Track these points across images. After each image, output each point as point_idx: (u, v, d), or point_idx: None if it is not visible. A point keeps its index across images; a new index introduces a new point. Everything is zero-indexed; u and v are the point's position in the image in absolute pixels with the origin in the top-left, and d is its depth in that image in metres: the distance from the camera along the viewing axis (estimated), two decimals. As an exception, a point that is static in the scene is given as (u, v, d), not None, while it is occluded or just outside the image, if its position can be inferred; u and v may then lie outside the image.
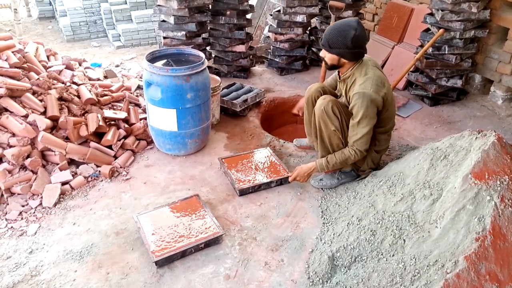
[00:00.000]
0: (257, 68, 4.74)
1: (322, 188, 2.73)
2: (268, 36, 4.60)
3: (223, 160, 2.95)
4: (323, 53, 2.52)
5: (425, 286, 1.75)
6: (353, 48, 2.37)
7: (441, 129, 3.50)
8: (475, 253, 1.71)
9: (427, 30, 3.82)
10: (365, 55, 2.51)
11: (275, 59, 4.52)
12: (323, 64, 3.79)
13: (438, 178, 2.13)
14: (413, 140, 3.34)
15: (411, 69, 3.82)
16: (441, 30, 3.56)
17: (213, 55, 4.46)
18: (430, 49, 3.67)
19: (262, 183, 2.74)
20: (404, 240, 2.01)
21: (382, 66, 4.44)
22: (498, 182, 1.86)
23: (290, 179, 2.71)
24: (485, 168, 1.92)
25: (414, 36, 4.15)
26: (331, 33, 2.41)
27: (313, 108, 2.76)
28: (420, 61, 3.76)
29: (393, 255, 1.99)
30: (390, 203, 2.23)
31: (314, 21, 4.74)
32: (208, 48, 4.39)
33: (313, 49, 4.68)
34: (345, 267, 2.08)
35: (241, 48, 4.29)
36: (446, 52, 3.66)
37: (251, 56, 4.50)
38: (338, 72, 2.60)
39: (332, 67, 2.54)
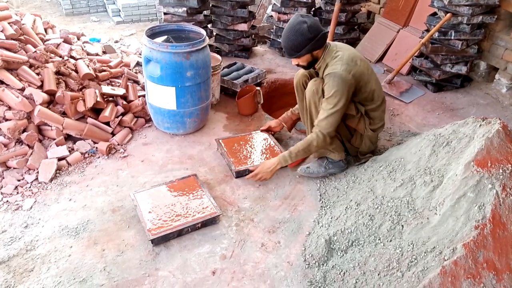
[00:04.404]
0: (259, 48, 4.66)
1: (308, 176, 2.68)
2: (271, 16, 4.50)
3: (220, 141, 2.91)
4: (295, 61, 2.47)
5: (422, 272, 1.74)
6: (316, 36, 2.32)
7: (443, 116, 3.46)
8: (473, 241, 1.70)
9: (434, 14, 3.74)
10: (332, 43, 2.48)
11: (278, 40, 4.43)
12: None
13: (440, 165, 2.11)
14: (415, 126, 3.31)
15: (415, 54, 3.76)
16: (448, 15, 3.48)
17: (214, 33, 4.36)
18: (436, 34, 3.60)
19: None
20: (403, 226, 2.00)
21: (386, 50, 4.37)
22: (501, 171, 1.84)
23: (247, 176, 2.56)
24: (488, 156, 1.89)
25: (420, 20, 4.06)
26: (289, 40, 2.35)
27: (303, 94, 2.70)
28: (425, 46, 3.69)
29: (390, 241, 1.98)
30: (389, 189, 2.21)
31: (319, 1, 4.62)
32: (209, 25, 4.30)
33: (317, 30, 4.59)
34: (342, 251, 2.07)
35: (243, 26, 4.20)
36: (452, 38, 3.59)
37: (253, 36, 4.42)
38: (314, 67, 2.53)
39: (309, 66, 2.49)
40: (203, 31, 2.97)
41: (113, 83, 3.33)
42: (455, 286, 1.64)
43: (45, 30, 3.68)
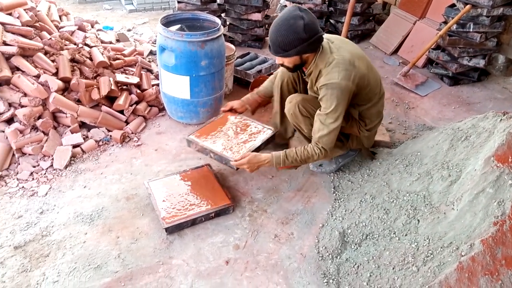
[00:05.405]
0: (272, 39, 4.60)
1: (321, 173, 2.61)
2: (285, 5, 4.45)
3: (192, 138, 2.45)
4: (279, 61, 2.14)
5: (438, 267, 1.72)
6: (310, 38, 1.99)
7: (459, 110, 3.40)
8: (492, 237, 1.67)
9: (453, 5, 3.65)
10: (324, 35, 2.13)
11: (292, 30, 4.38)
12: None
13: (458, 159, 2.07)
14: (430, 120, 3.26)
15: (432, 46, 3.70)
16: (467, 6, 3.40)
17: (227, 23, 4.33)
18: (454, 26, 3.52)
19: (254, 148, 2.39)
20: (418, 220, 1.98)
21: (402, 42, 4.29)
22: (522, 167, 1.80)
23: (235, 163, 2.25)
24: (509, 151, 1.85)
25: (438, 12, 3.98)
26: (279, 34, 2.00)
27: (281, 95, 2.52)
28: (442, 38, 3.62)
29: (406, 235, 1.96)
30: (405, 183, 2.18)
31: (334, -8, 4.56)
32: (223, 15, 4.26)
33: (331, 20, 4.53)
34: (356, 244, 2.06)
35: (257, 16, 4.16)
36: (471, 30, 3.51)
37: (267, 26, 4.37)
38: (301, 70, 2.25)
39: (295, 69, 2.19)
40: (218, 20, 2.95)
41: (127, 72, 3.32)
42: (472, 282, 1.62)
43: (60, 17, 3.67)
